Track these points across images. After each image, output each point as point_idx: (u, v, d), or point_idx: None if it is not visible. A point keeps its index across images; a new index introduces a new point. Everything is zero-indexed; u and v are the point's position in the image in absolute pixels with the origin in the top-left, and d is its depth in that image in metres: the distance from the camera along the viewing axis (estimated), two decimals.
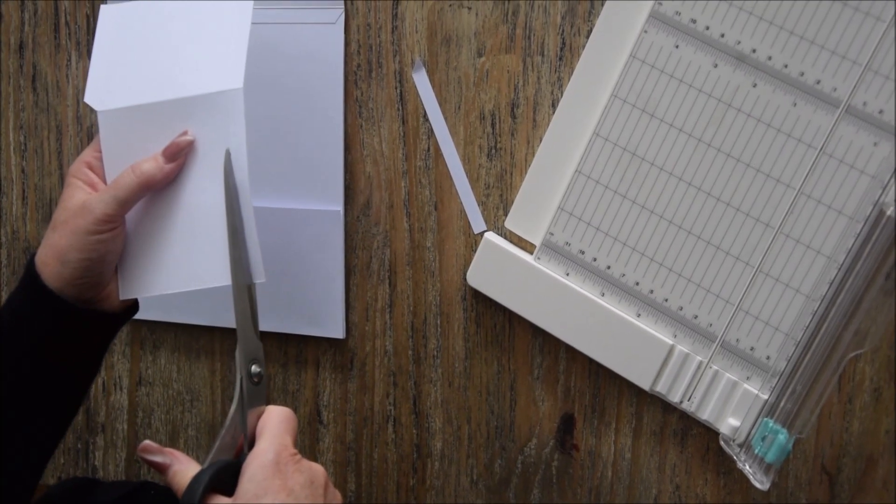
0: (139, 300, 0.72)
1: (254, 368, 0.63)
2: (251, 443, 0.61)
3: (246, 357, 0.63)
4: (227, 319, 0.85)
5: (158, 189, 0.69)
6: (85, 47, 0.87)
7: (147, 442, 0.61)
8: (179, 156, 0.68)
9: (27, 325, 0.66)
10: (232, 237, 0.65)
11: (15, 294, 0.67)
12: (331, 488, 0.61)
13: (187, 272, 0.68)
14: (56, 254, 0.65)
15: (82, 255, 0.65)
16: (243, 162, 0.67)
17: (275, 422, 0.61)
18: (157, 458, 0.61)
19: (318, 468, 0.60)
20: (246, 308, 0.65)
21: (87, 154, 0.70)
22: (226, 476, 0.58)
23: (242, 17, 0.70)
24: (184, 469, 0.60)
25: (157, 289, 0.69)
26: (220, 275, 0.67)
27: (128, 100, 0.70)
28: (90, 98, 0.71)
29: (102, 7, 0.73)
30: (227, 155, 0.67)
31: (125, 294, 0.70)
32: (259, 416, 0.62)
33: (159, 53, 0.71)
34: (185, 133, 0.68)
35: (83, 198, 0.67)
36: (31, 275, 0.66)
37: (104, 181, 0.70)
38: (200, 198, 0.68)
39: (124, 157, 0.69)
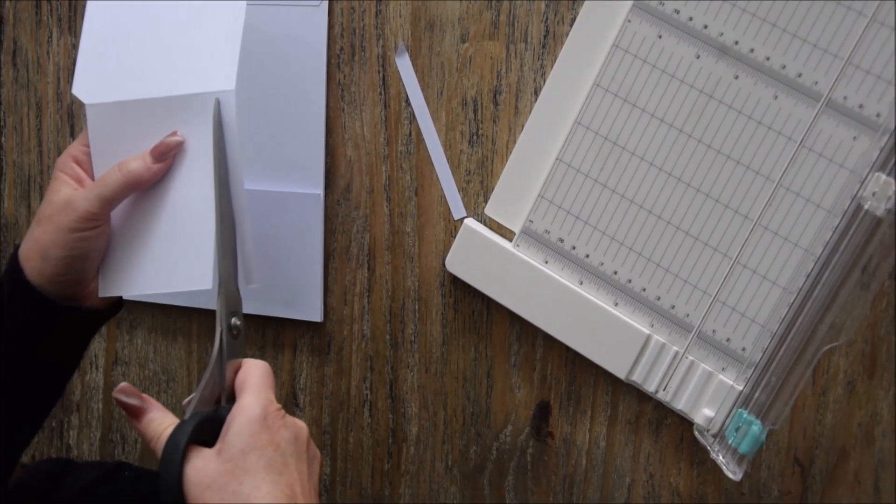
0: (123, 298, 0.72)
1: (234, 321, 0.62)
2: (230, 396, 0.60)
3: (227, 309, 0.62)
4: (205, 301, 0.85)
5: (145, 189, 0.68)
6: (66, 24, 0.86)
7: (125, 384, 0.60)
8: (168, 156, 0.67)
9: (7, 319, 0.65)
10: (218, 188, 0.64)
11: None
12: (312, 445, 0.61)
13: (169, 273, 0.67)
14: (38, 249, 0.65)
15: (64, 253, 0.64)
16: (238, 162, 0.66)
17: (256, 376, 0.60)
18: (134, 402, 0.60)
19: (301, 424, 0.60)
20: (229, 261, 0.64)
21: (74, 148, 0.69)
22: (206, 428, 0.57)
23: (235, 17, 0.68)
24: (160, 417, 0.60)
25: (137, 288, 0.68)
26: (202, 278, 0.66)
27: (117, 94, 0.69)
28: (77, 90, 0.70)
29: (89, 2, 0.72)
30: (217, 104, 0.66)
31: (104, 291, 0.69)
32: (236, 370, 0.61)
33: (150, 49, 0.70)
34: (174, 133, 0.67)
35: (68, 193, 0.66)
36: (14, 269, 0.65)
37: (91, 176, 0.69)
38: (187, 198, 0.67)
39: (112, 152, 0.68)
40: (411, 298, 0.82)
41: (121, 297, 0.71)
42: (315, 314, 0.83)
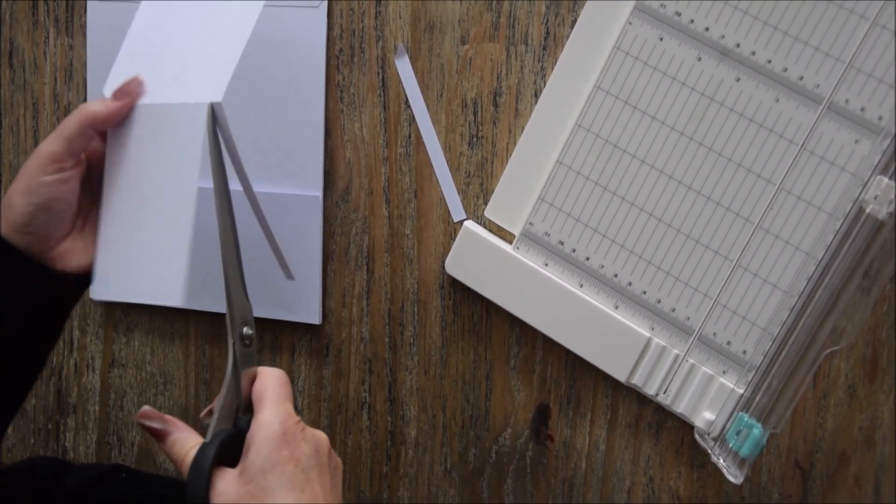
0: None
1: (245, 330, 0.61)
2: (247, 406, 0.60)
3: (238, 319, 0.61)
4: (203, 303, 0.85)
5: (104, 128, 0.67)
6: (63, 24, 0.86)
7: (147, 408, 0.59)
8: (126, 97, 0.67)
9: None
10: (218, 198, 0.63)
11: None
12: (333, 455, 0.60)
13: (143, 284, 0.66)
14: (6, 200, 0.64)
15: (27, 199, 0.64)
16: (238, 168, 0.65)
17: (273, 387, 0.59)
18: (157, 425, 0.59)
19: (321, 435, 0.59)
20: (235, 269, 0.62)
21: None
22: (230, 446, 0.57)
23: (247, 19, 0.67)
24: (184, 438, 0.59)
25: (121, 295, 0.67)
26: (173, 293, 0.63)
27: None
28: (107, 91, 0.70)
29: (143, 3, 0.72)
30: (210, 110, 0.64)
31: (96, 294, 0.69)
32: (251, 379, 0.60)
33: (162, 53, 0.69)
34: (136, 77, 0.67)
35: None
36: None
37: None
38: (164, 209, 0.66)
39: (118, 156, 0.68)
40: (410, 301, 0.82)
41: (90, 269, 0.70)
42: (314, 316, 0.83)
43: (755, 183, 0.71)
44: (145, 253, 0.66)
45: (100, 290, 0.68)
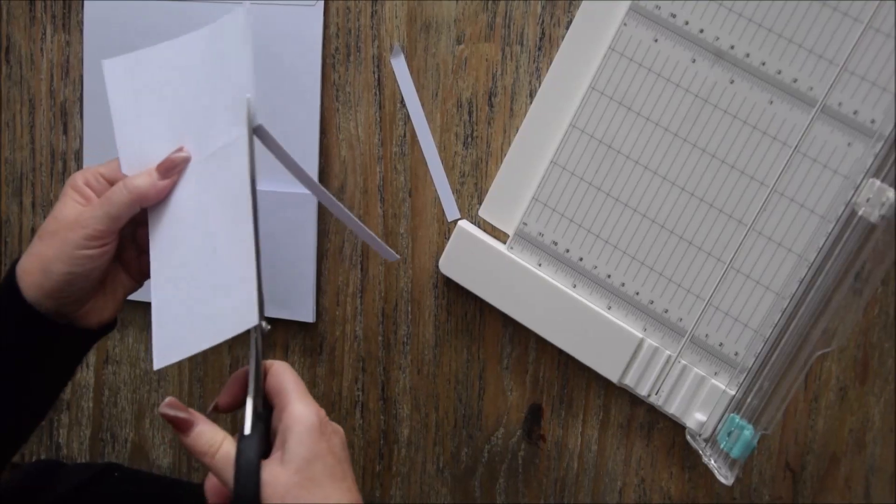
0: (117, 318, 0.71)
1: (264, 325, 0.61)
2: (264, 399, 0.60)
3: (261, 313, 0.61)
4: None
5: (150, 205, 0.66)
6: (60, 21, 0.86)
7: (172, 398, 0.60)
8: (174, 172, 0.66)
9: (2, 334, 0.64)
10: (253, 198, 0.62)
11: None
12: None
13: (221, 321, 0.63)
14: (40, 264, 0.64)
15: (67, 269, 0.63)
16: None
17: (293, 380, 0.60)
18: (182, 415, 0.59)
19: (340, 428, 0.61)
20: (258, 264, 0.62)
21: (89, 170, 0.67)
22: (265, 439, 0.58)
23: (243, 30, 0.64)
24: (209, 431, 0.59)
25: (194, 348, 0.63)
26: (248, 315, 0.61)
27: (158, 155, 0.67)
28: (127, 171, 0.68)
29: (105, 62, 0.69)
30: (249, 102, 0.63)
31: (161, 362, 0.64)
32: (265, 373, 0.61)
33: (160, 107, 0.68)
34: (180, 149, 0.66)
35: (77, 210, 0.64)
36: (9, 283, 0.64)
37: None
38: (219, 232, 0.64)
39: (160, 216, 0.67)
40: (404, 300, 0.82)
41: (116, 318, 0.70)
42: (307, 314, 0.83)
43: (748, 185, 0.71)
44: (210, 296, 0.64)
45: (163, 357, 0.65)
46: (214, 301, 0.63)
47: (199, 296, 0.64)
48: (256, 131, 0.63)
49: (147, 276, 0.68)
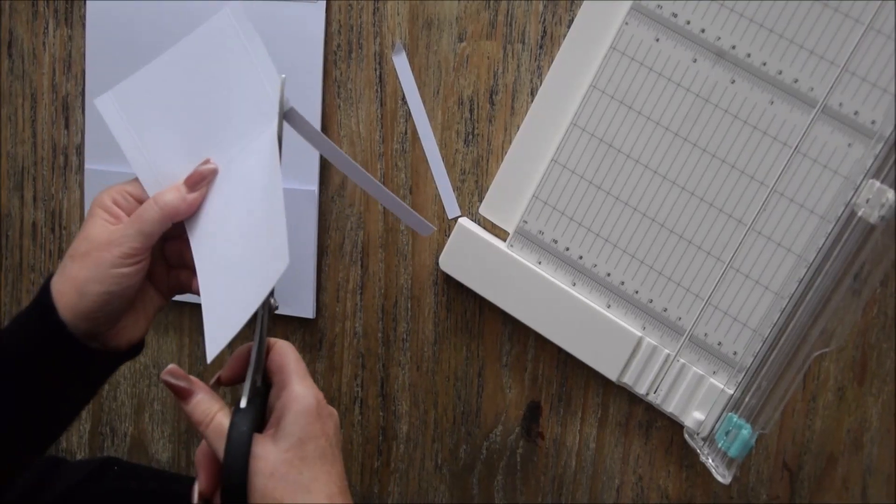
0: (144, 341, 0.70)
1: (272, 301, 0.62)
2: (264, 376, 0.61)
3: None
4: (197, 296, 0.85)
5: (182, 219, 0.65)
6: (63, 15, 0.86)
7: (174, 366, 0.61)
8: (202, 185, 0.65)
9: (35, 357, 0.63)
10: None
11: (25, 319, 0.65)
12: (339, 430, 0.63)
13: (256, 283, 0.61)
14: (76, 285, 0.63)
15: (103, 288, 0.62)
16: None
17: (294, 360, 0.61)
18: (182, 384, 0.60)
19: (336, 412, 0.61)
20: None
21: (116, 189, 0.66)
22: (260, 414, 0.59)
23: (241, 25, 0.65)
24: (207, 400, 0.60)
25: (241, 319, 0.61)
26: (281, 258, 0.58)
27: (177, 171, 0.66)
28: (151, 190, 0.66)
29: (96, 101, 0.67)
30: (283, 82, 0.63)
31: (213, 352, 0.62)
32: (268, 350, 0.62)
33: (174, 115, 0.67)
34: (207, 161, 0.65)
35: (108, 230, 0.63)
36: (45, 305, 0.63)
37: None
38: (252, 184, 0.63)
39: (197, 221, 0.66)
40: (404, 297, 0.82)
41: (143, 340, 0.70)
42: (307, 310, 0.83)
43: (748, 184, 0.71)
44: (247, 270, 0.63)
45: (215, 344, 0.62)
46: (251, 270, 0.62)
47: (238, 274, 0.63)
48: (287, 114, 0.63)
49: (175, 290, 0.69)
